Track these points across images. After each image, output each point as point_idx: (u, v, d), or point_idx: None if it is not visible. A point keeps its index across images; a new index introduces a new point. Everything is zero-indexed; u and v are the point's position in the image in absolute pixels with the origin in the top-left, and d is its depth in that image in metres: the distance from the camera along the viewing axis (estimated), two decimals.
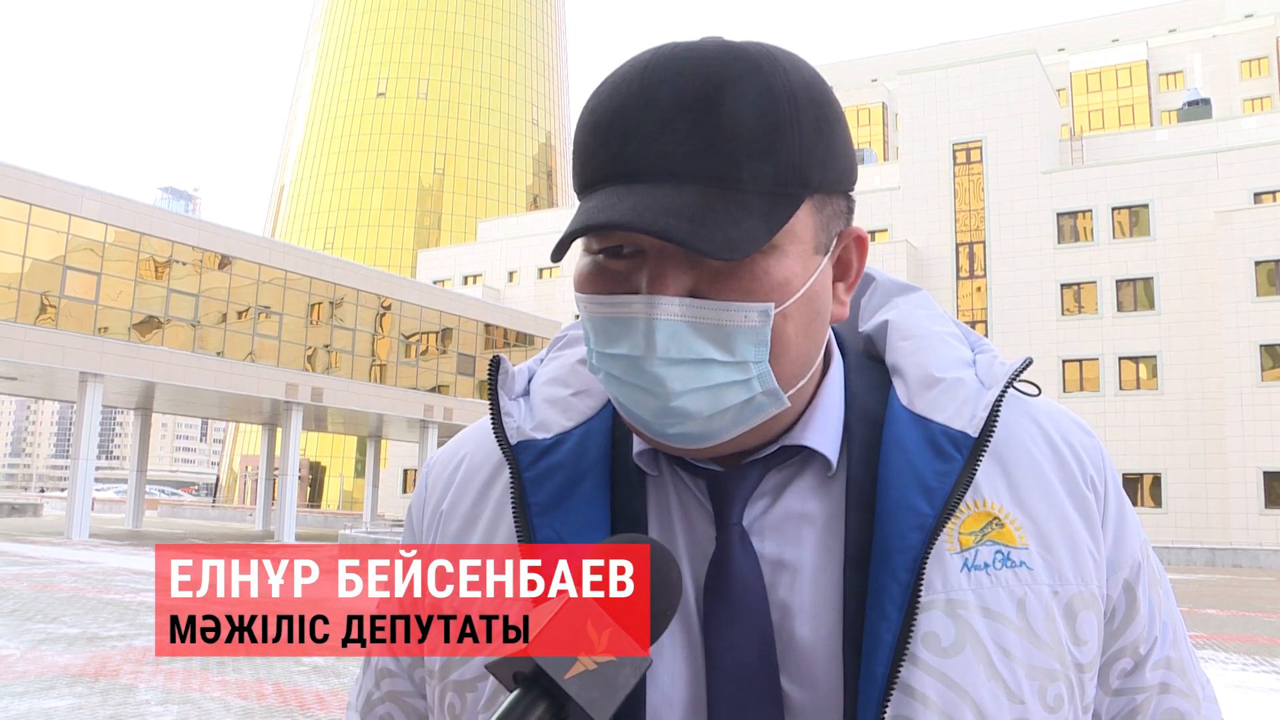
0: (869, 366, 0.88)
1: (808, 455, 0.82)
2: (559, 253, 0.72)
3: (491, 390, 0.88)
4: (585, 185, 0.75)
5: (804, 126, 0.73)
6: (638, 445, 0.84)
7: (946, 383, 0.83)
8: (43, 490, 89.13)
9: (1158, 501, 36.05)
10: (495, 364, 0.89)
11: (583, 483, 0.82)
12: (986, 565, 0.77)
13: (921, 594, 0.74)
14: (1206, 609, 17.36)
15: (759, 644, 0.76)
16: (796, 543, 0.79)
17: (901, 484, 0.78)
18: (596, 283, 0.76)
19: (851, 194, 0.81)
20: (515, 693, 0.60)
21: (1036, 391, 0.87)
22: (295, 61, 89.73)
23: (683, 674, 0.77)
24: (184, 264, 30.72)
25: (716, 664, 0.76)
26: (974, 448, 0.79)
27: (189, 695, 7.97)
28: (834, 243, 0.79)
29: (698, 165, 0.71)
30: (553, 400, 0.88)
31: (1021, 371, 0.83)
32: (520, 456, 0.84)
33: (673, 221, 0.68)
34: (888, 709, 0.72)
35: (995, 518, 0.79)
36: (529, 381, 0.92)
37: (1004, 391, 0.81)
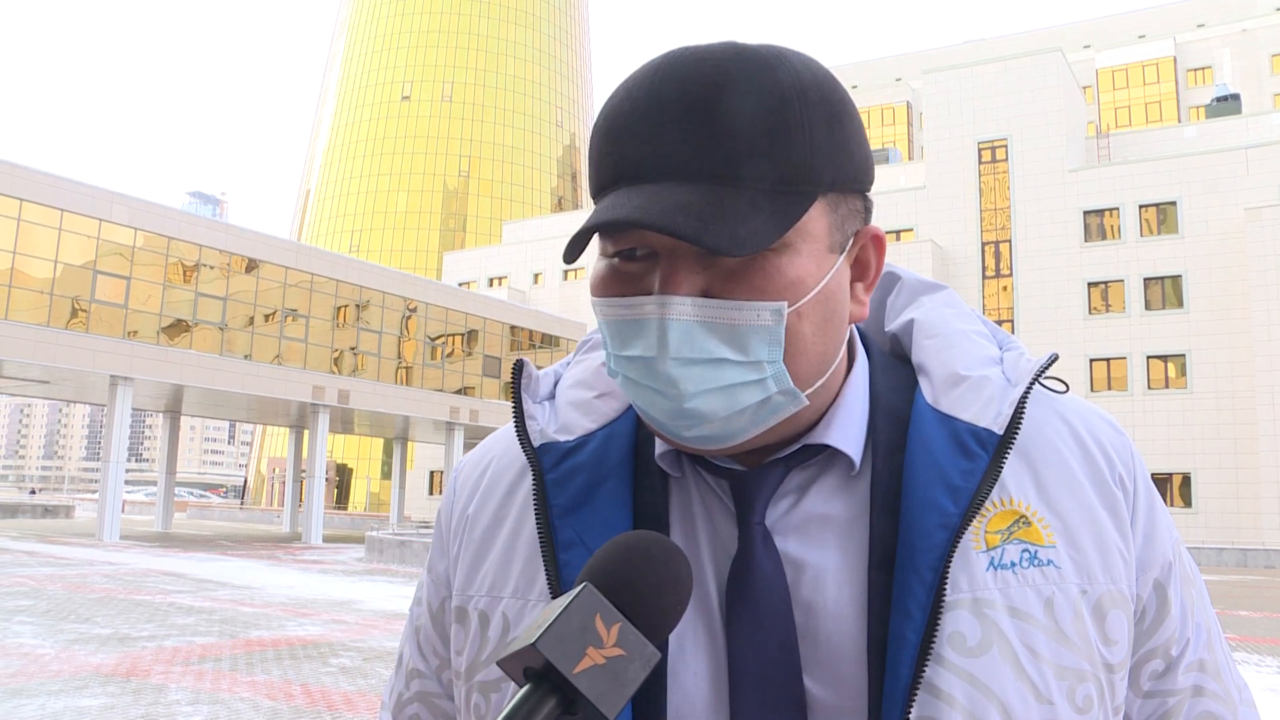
0: (895, 366, 0.88)
1: (831, 454, 0.81)
2: (571, 253, 0.72)
3: (515, 394, 0.87)
4: (598, 189, 0.76)
5: (814, 124, 0.73)
6: (660, 446, 0.83)
7: (972, 380, 0.82)
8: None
9: (1188, 501, 35.68)
10: (519, 368, 0.88)
11: (605, 484, 0.82)
12: (1013, 564, 0.75)
13: (946, 593, 0.74)
14: (1239, 610, 17.16)
15: (782, 643, 0.75)
16: (820, 544, 0.78)
17: (926, 483, 0.77)
18: (611, 286, 0.76)
19: (868, 193, 0.80)
20: (525, 688, 0.60)
21: (1064, 388, 0.85)
22: (321, 66, 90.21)
23: (705, 672, 0.76)
24: (212, 268, 31.02)
25: (738, 663, 0.75)
26: (999, 445, 0.78)
27: (218, 695, 8.06)
28: (850, 242, 0.78)
29: (704, 164, 0.70)
30: (577, 403, 0.88)
31: (1047, 368, 0.82)
32: (543, 459, 0.84)
33: (679, 218, 0.67)
34: (913, 709, 0.71)
35: (1022, 516, 0.77)
36: (555, 385, 0.92)
37: (1029, 388, 0.80)
